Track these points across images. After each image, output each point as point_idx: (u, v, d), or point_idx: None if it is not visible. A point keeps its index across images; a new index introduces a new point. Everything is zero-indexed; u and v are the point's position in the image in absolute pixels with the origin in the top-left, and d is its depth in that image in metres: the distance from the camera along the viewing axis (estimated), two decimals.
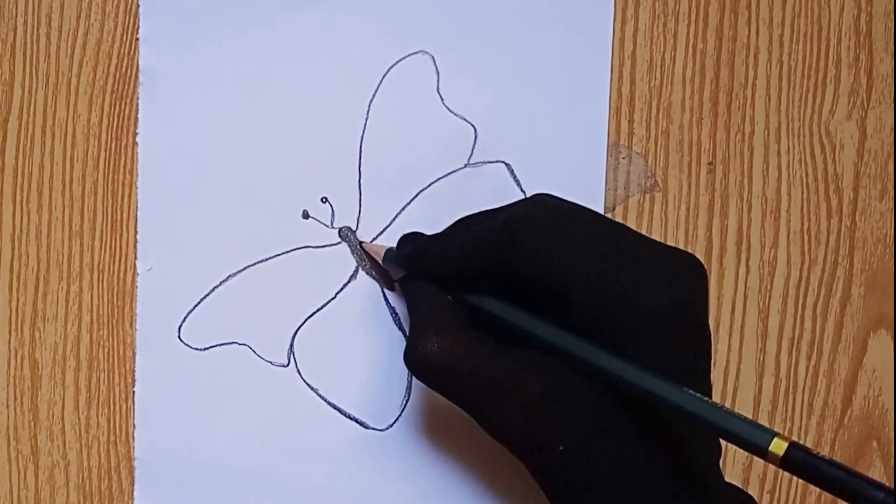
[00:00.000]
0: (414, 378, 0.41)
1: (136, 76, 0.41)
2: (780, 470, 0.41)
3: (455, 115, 0.41)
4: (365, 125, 0.41)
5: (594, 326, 0.34)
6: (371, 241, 0.41)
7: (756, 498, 0.36)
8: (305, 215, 0.41)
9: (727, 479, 0.36)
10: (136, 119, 0.41)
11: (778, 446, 0.30)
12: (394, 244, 0.41)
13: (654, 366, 0.33)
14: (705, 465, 0.36)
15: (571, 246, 0.35)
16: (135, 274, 0.41)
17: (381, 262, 0.40)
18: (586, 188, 0.42)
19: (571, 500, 0.34)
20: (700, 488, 0.35)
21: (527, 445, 0.35)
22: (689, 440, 0.35)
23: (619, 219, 0.42)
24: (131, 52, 0.41)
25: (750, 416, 0.41)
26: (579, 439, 0.34)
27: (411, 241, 0.39)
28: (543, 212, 0.36)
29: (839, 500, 0.29)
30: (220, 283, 0.41)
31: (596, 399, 0.34)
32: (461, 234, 0.37)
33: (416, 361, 0.36)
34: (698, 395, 0.33)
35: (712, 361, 0.36)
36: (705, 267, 0.35)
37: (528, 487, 0.41)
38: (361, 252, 0.41)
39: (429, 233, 0.40)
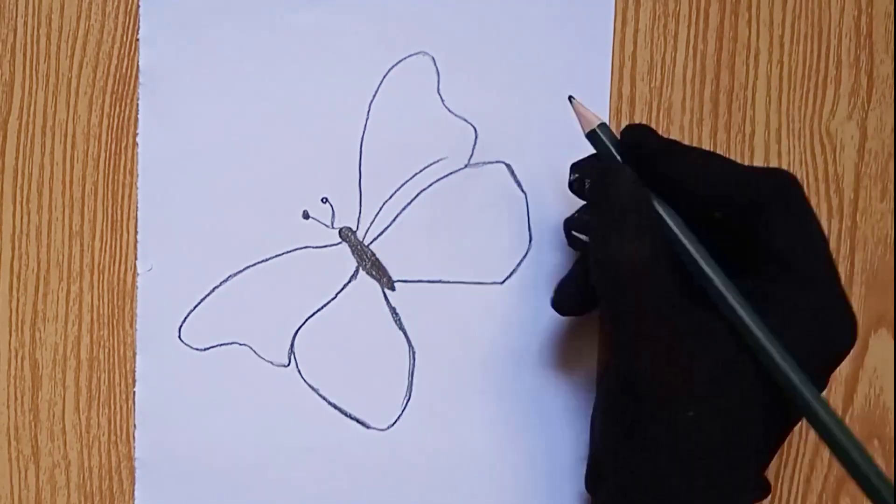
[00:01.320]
0: (415, 377, 0.41)
1: (137, 77, 0.41)
2: (780, 471, 0.41)
3: (455, 115, 0.41)
4: (365, 126, 0.41)
5: (769, 316, 0.34)
6: (370, 244, 0.41)
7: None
8: (306, 215, 0.41)
9: None
10: (137, 119, 0.41)
11: None
12: (395, 244, 0.41)
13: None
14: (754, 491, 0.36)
15: (814, 234, 0.34)
16: (135, 274, 0.41)
17: (584, 131, 0.37)
18: None
19: (652, 459, 0.34)
20: (757, 488, 0.35)
21: (656, 396, 0.33)
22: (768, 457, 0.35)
23: None
24: (131, 53, 0.41)
25: None
26: (706, 411, 0.33)
27: (647, 131, 0.36)
28: (802, 190, 0.35)
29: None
30: (221, 284, 0.41)
31: (738, 380, 0.33)
32: (720, 159, 0.36)
33: (613, 262, 0.33)
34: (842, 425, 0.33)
35: None
36: None
37: (528, 486, 0.41)
38: (362, 252, 0.41)
39: (429, 233, 0.40)
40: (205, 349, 0.41)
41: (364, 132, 0.41)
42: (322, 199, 0.41)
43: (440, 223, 0.41)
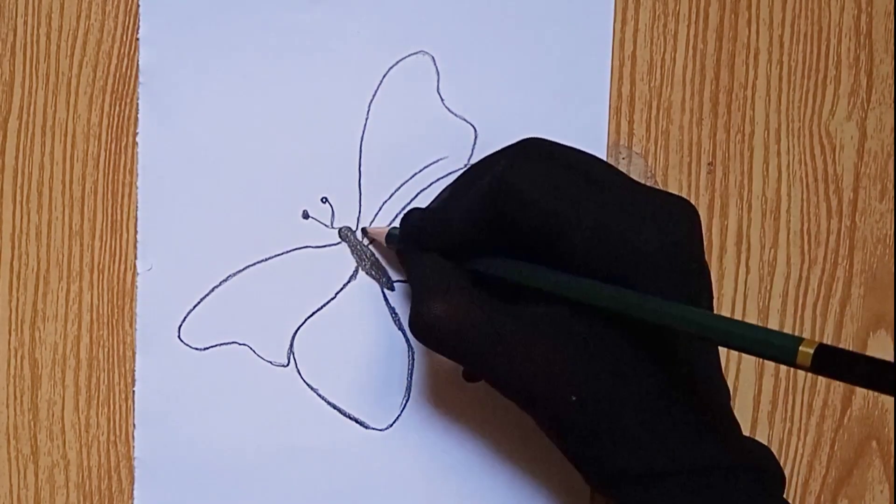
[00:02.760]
0: (414, 377, 0.41)
1: (136, 76, 0.41)
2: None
3: (455, 115, 0.41)
4: (365, 125, 0.41)
5: (594, 271, 0.34)
6: (369, 244, 0.41)
7: None
8: (305, 215, 0.41)
9: None
10: (136, 119, 0.41)
11: (806, 351, 0.29)
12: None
13: None
14: (721, 405, 0.35)
15: (567, 192, 0.34)
16: (135, 274, 0.41)
17: (384, 243, 0.40)
18: None
19: (589, 452, 0.34)
20: (720, 428, 0.35)
21: (538, 399, 0.34)
22: (703, 377, 0.35)
23: None
24: (131, 52, 0.41)
25: (749, 416, 0.41)
26: (591, 388, 0.34)
27: (410, 217, 0.39)
28: (536, 157, 0.36)
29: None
30: (220, 283, 0.41)
31: (606, 345, 0.34)
32: (458, 201, 0.37)
33: (423, 327, 0.36)
34: (716, 314, 0.32)
35: (714, 301, 0.36)
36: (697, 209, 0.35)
37: (528, 486, 0.41)
38: (361, 252, 0.41)
39: None
40: (204, 349, 0.41)
41: (364, 132, 0.41)
42: (322, 199, 0.41)
43: None
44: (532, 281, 0.35)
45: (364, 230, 0.41)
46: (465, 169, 0.39)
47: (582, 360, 0.34)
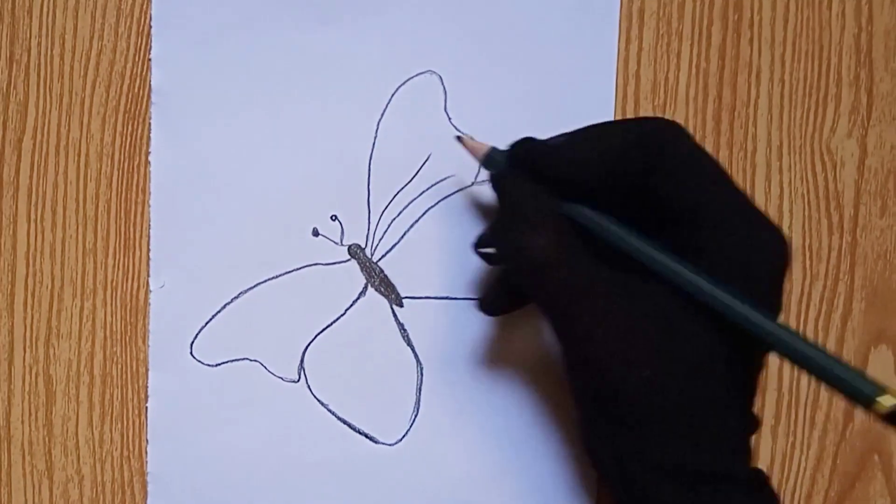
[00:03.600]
0: (423, 392, 0.42)
1: (149, 96, 0.41)
2: (782, 486, 0.42)
3: (462, 133, 0.42)
4: (373, 144, 0.42)
5: (702, 261, 0.34)
6: (378, 260, 0.42)
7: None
8: (315, 233, 0.42)
9: None
10: (149, 138, 0.41)
11: (887, 400, 0.30)
12: (403, 261, 0.41)
13: None
14: (749, 425, 0.36)
15: (707, 170, 0.35)
16: (147, 291, 0.41)
17: (479, 160, 0.38)
18: None
19: (631, 436, 0.34)
20: (747, 448, 0.35)
21: (607, 365, 0.34)
22: (750, 397, 0.35)
23: None
24: (144, 73, 0.41)
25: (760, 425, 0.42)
26: (665, 371, 0.33)
27: (526, 142, 0.37)
28: (682, 129, 0.35)
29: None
30: (232, 300, 0.42)
31: (689, 331, 0.34)
32: (591, 143, 0.36)
33: (516, 253, 0.35)
34: (809, 340, 0.33)
35: None
36: None
37: (535, 501, 0.42)
38: (371, 269, 0.42)
39: (437, 250, 0.41)
40: (216, 365, 0.42)
41: (372, 150, 0.42)
42: (331, 217, 0.42)
43: (448, 240, 0.42)
44: (637, 251, 0.35)
45: (459, 138, 0.39)
46: (587, 126, 0.37)
47: (665, 341, 0.34)
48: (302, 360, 0.42)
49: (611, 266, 0.35)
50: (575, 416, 0.37)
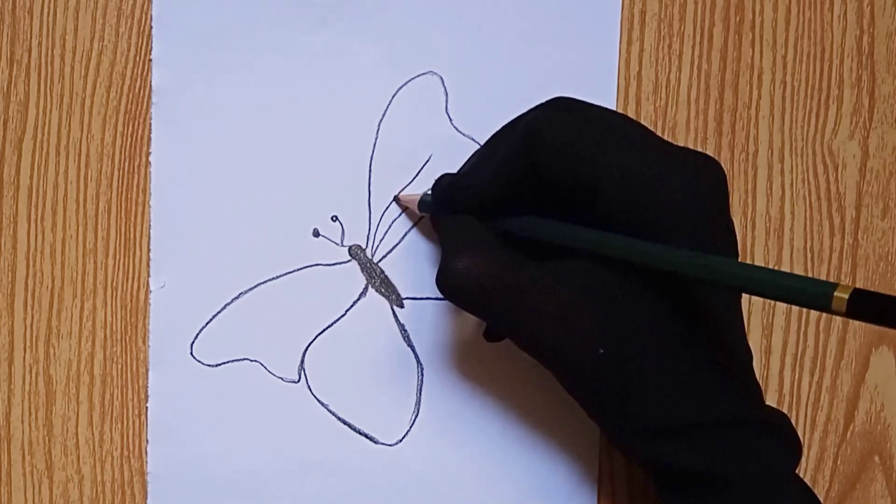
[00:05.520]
0: (423, 393, 0.42)
1: (150, 96, 0.41)
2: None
3: (463, 135, 0.42)
4: (374, 145, 0.42)
5: (620, 225, 0.34)
6: (379, 261, 0.42)
7: None
8: (316, 233, 0.42)
9: None
10: (150, 138, 0.41)
11: (841, 296, 0.29)
12: (404, 262, 0.41)
13: None
14: (744, 365, 0.36)
15: (596, 140, 0.35)
16: (148, 291, 0.41)
17: (417, 210, 0.41)
18: None
19: (614, 406, 0.34)
20: (742, 386, 0.35)
21: (564, 353, 0.34)
22: (728, 336, 0.35)
23: None
24: (144, 73, 0.41)
25: None
26: (618, 341, 0.34)
27: (442, 180, 0.39)
28: (565, 110, 0.36)
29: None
30: (232, 301, 0.42)
31: (633, 299, 0.34)
32: (488, 160, 0.38)
33: (448, 281, 0.36)
34: (749, 263, 0.32)
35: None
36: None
37: (536, 502, 0.42)
38: (371, 269, 0.42)
39: (438, 251, 0.41)
40: (216, 365, 0.42)
41: (373, 151, 0.42)
42: (332, 218, 0.42)
43: None
44: (559, 237, 0.36)
45: (397, 198, 0.42)
46: (491, 135, 0.39)
47: (609, 313, 0.34)
48: (302, 361, 0.42)
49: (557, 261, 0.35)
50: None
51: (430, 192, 0.40)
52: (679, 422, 0.34)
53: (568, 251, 0.35)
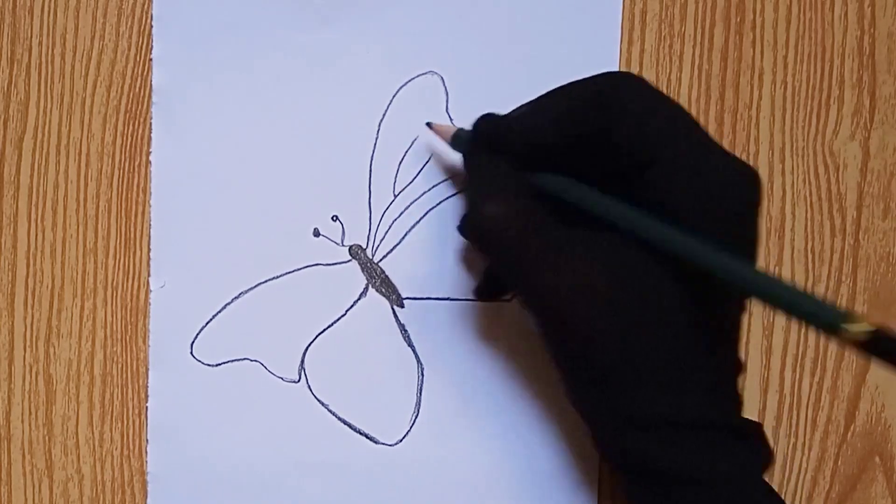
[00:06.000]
0: (424, 393, 0.42)
1: (150, 96, 0.41)
2: (783, 488, 0.42)
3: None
4: (375, 144, 0.42)
5: (660, 209, 0.34)
6: (379, 261, 0.42)
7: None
8: (316, 233, 0.42)
9: None
10: (150, 138, 0.41)
11: (856, 329, 0.29)
12: (404, 262, 0.41)
13: None
14: (732, 373, 0.36)
15: (661, 119, 0.35)
16: (148, 291, 0.41)
17: (448, 142, 0.40)
18: None
19: (600, 390, 0.34)
20: (728, 392, 0.35)
21: (568, 320, 0.34)
22: (728, 343, 0.36)
23: None
24: (145, 73, 0.41)
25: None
26: (619, 323, 0.34)
27: (487, 118, 0.38)
28: (636, 80, 0.36)
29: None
30: (233, 300, 0.42)
31: (647, 285, 0.34)
32: (545, 110, 0.37)
33: (475, 223, 0.35)
34: (771, 276, 0.32)
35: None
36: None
37: (536, 500, 0.42)
38: (371, 269, 0.42)
39: (438, 251, 0.41)
40: (216, 365, 0.42)
41: (373, 151, 0.42)
42: (332, 217, 0.42)
43: (449, 241, 0.42)
44: (594, 205, 0.35)
45: (429, 124, 0.41)
46: (543, 93, 0.37)
47: (621, 294, 0.34)
48: (302, 361, 0.42)
49: (585, 229, 0.35)
50: (556, 378, 0.38)
51: (465, 128, 0.39)
52: (659, 416, 0.34)
53: (596, 222, 0.35)
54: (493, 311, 0.42)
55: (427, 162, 0.42)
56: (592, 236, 0.35)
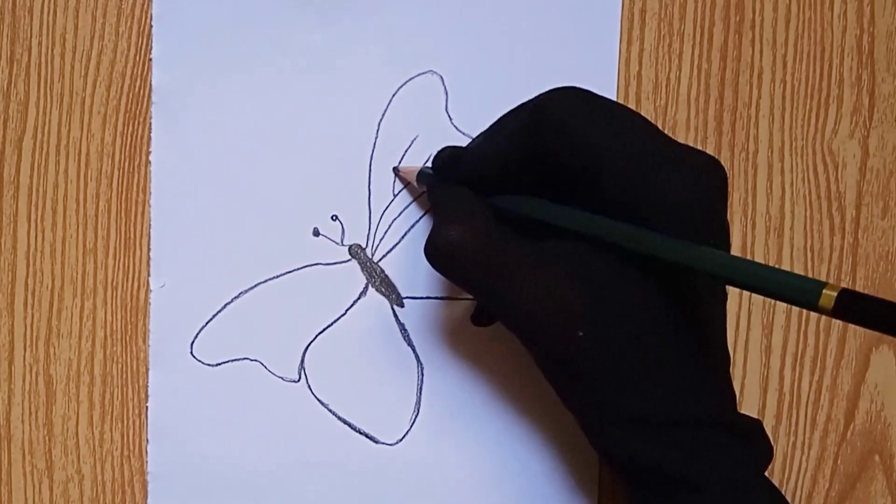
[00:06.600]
0: (423, 392, 0.42)
1: (150, 96, 0.41)
2: (782, 487, 0.42)
3: (463, 134, 0.42)
4: (374, 144, 0.42)
5: (620, 212, 0.34)
6: (379, 261, 0.42)
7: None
8: (316, 233, 0.42)
9: None
10: (149, 138, 0.41)
11: (828, 297, 0.29)
12: (404, 261, 0.41)
13: None
14: (723, 368, 0.36)
15: (603, 126, 0.35)
16: (148, 291, 0.41)
17: (415, 182, 0.41)
18: None
19: (588, 393, 0.35)
20: (718, 388, 0.35)
21: (545, 332, 0.34)
22: (712, 337, 0.35)
23: None
24: (144, 73, 0.41)
25: None
26: (600, 326, 0.34)
27: (444, 151, 0.40)
28: (575, 95, 0.36)
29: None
30: (232, 300, 0.42)
31: (622, 286, 0.34)
32: (494, 136, 0.37)
33: (436, 249, 0.36)
34: (740, 256, 0.32)
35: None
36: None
37: (536, 501, 0.42)
38: (371, 269, 0.42)
39: None
40: (216, 365, 0.42)
41: (373, 151, 0.42)
42: (332, 217, 0.42)
43: None
44: (554, 218, 0.36)
45: (395, 169, 0.42)
46: (498, 118, 0.38)
47: (595, 297, 0.34)
48: (302, 360, 0.42)
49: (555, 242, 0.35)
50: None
51: (430, 164, 0.40)
52: (654, 416, 0.34)
53: (562, 234, 0.35)
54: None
55: (427, 161, 0.42)
56: (557, 247, 0.35)
